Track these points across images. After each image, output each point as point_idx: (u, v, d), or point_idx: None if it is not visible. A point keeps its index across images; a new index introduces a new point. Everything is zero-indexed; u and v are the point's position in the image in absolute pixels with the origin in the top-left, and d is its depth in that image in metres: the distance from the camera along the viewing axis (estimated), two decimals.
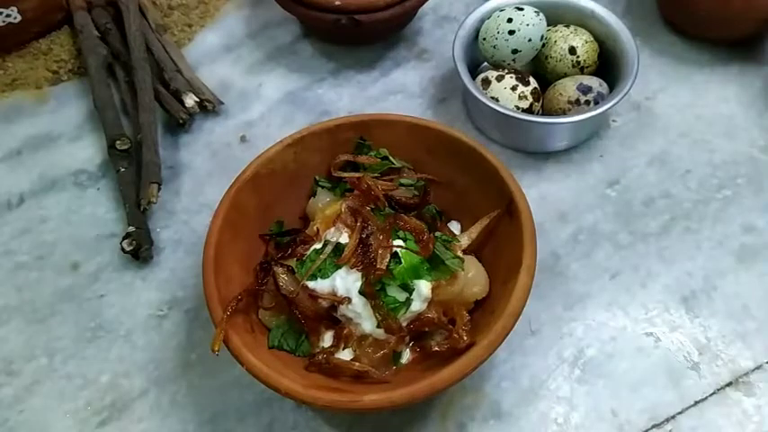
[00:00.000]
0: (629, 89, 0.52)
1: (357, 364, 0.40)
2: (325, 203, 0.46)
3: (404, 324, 0.41)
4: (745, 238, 0.50)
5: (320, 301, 0.41)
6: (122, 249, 0.50)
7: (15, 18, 0.62)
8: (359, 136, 0.49)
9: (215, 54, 0.65)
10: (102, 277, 0.51)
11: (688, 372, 0.44)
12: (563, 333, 0.46)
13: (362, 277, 0.40)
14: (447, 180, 0.48)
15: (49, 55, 0.64)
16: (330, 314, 0.42)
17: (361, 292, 0.40)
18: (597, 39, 0.56)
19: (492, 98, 0.53)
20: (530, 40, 0.54)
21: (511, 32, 0.54)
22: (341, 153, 0.48)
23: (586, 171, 0.55)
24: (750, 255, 0.49)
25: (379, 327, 0.40)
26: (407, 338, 0.42)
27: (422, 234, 0.42)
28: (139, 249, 0.50)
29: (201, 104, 0.59)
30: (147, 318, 0.48)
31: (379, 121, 0.49)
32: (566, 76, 0.55)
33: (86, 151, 0.58)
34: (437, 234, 0.43)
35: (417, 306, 0.41)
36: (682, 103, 0.58)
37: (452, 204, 0.48)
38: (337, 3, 0.57)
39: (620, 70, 0.54)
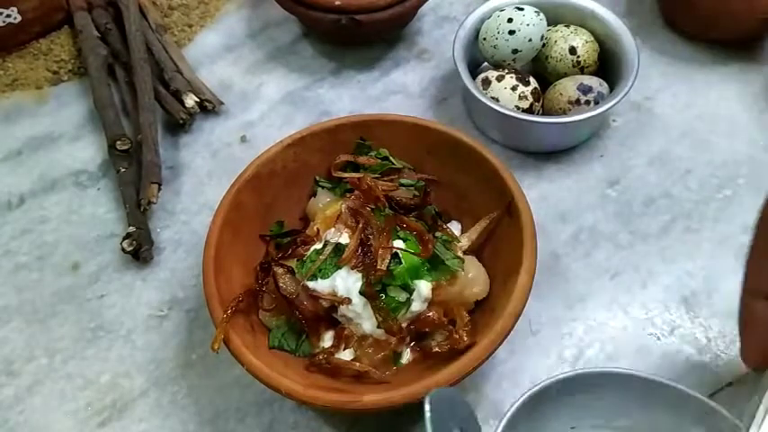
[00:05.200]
0: (630, 89, 0.52)
1: (357, 364, 0.40)
2: (325, 204, 0.46)
3: (404, 324, 0.41)
4: (746, 237, 0.49)
5: (320, 301, 0.41)
6: (123, 250, 0.50)
7: (15, 18, 0.62)
8: (359, 136, 0.49)
9: (215, 54, 0.65)
10: (102, 277, 0.51)
11: (689, 372, 0.44)
12: (563, 333, 0.46)
13: (363, 278, 0.40)
14: (447, 180, 0.48)
15: (49, 55, 0.64)
16: (330, 315, 0.42)
17: (361, 293, 0.40)
18: (597, 39, 0.56)
19: (492, 98, 0.53)
20: (530, 40, 0.54)
21: (511, 32, 0.54)
22: (341, 153, 0.48)
23: (586, 171, 0.55)
24: None
25: (379, 327, 0.40)
26: (408, 339, 0.42)
27: (422, 235, 0.42)
28: (140, 249, 0.50)
29: (202, 104, 0.59)
30: (147, 318, 0.48)
31: (379, 121, 0.49)
32: (566, 76, 0.55)
33: (87, 151, 0.58)
34: (437, 234, 0.43)
35: (417, 306, 0.41)
36: (682, 103, 0.58)
37: (452, 205, 0.48)
38: (337, 3, 0.57)
39: (621, 70, 0.54)
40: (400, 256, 0.41)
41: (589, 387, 0.35)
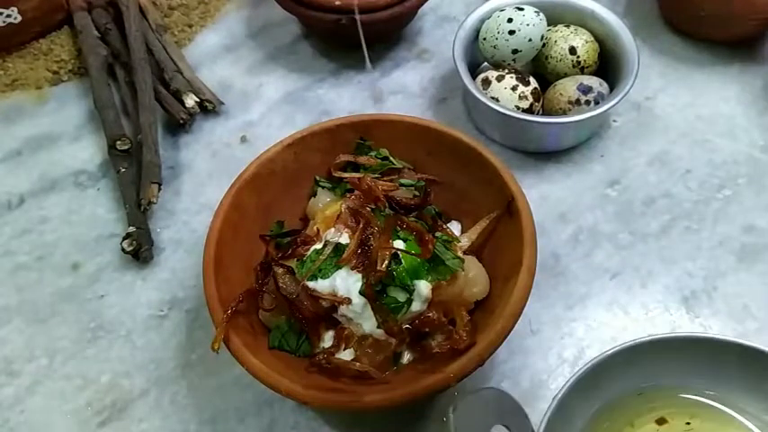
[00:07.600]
0: (630, 89, 0.52)
1: (357, 364, 0.40)
2: (325, 204, 0.46)
3: (404, 325, 0.41)
4: (746, 237, 0.50)
5: (320, 301, 0.41)
6: (123, 249, 0.50)
7: (15, 18, 0.62)
8: (359, 136, 0.49)
9: (215, 54, 0.65)
10: (102, 277, 0.51)
11: None
12: (563, 333, 0.46)
13: (363, 278, 0.40)
14: (447, 180, 0.48)
15: (49, 55, 0.64)
16: (330, 315, 0.42)
17: (361, 293, 0.40)
18: (597, 39, 0.56)
19: (492, 98, 0.53)
20: (530, 40, 0.54)
21: (511, 32, 0.54)
22: (341, 153, 0.48)
23: (587, 171, 0.55)
24: (750, 255, 0.49)
25: (379, 327, 0.40)
26: (408, 339, 0.42)
27: (422, 235, 0.42)
28: (140, 249, 0.50)
29: (202, 105, 0.59)
30: (147, 318, 0.48)
31: (379, 121, 0.49)
32: (566, 76, 0.55)
33: (87, 151, 0.58)
34: (437, 234, 0.43)
35: (417, 306, 0.40)
36: (682, 103, 0.58)
37: (452, 204, 0.48)
38: (337, 3, 0.57)
39: (621, 70, 0.54)
40: (400, 256, 0.41)
41: (658, 352, 0.35)
